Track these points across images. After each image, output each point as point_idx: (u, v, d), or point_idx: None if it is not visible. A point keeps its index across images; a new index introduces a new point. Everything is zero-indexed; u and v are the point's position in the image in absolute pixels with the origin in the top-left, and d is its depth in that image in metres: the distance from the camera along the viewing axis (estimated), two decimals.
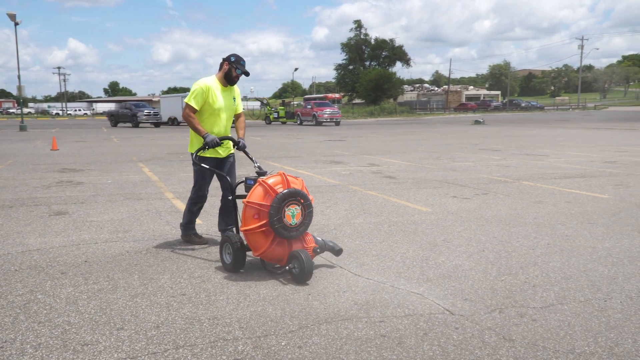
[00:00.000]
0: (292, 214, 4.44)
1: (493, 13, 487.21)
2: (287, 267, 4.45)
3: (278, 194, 4.41)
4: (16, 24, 33.13)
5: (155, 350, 3.18)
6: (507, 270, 4.66)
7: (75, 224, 6.55)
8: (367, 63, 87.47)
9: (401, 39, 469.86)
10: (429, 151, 16.74)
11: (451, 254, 5.20)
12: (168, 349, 3.20)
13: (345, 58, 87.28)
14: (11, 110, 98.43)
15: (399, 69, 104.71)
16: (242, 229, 4.53)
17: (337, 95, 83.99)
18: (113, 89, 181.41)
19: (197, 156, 5.28)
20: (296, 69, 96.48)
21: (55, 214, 7.18)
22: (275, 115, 49.17)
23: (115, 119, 42.56)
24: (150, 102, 69.71)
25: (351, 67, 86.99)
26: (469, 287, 4.26)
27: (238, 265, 4.65)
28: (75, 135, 29.02)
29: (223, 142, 5.33)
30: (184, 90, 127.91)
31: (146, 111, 40.47)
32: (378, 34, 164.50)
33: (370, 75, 76.30)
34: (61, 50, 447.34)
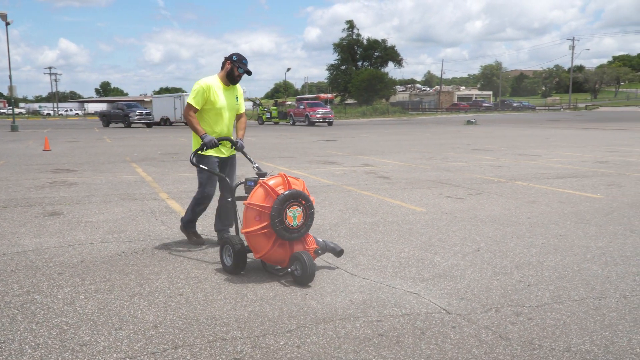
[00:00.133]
0: (293, 215, 4.40)
1: (484, 13, 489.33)
2: (288, 269, 4.40)
3: (279, 196, 4.37)
4: (7, 24, 32.97)
5: (154, 350, 3.19)
6: (502, 270, 4.70)
7: (70, 225, 6.54)
8: (360, 63, 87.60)
9: (393, 39, 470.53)
10: (422, 151, 16.80)
11: (446, 253, 5.23)
12: (167, 349, 3.21)
13: (337, 58, 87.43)
14: (2, 111, 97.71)
15: (391, 69, 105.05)
16: (243, 231, 4.47)
17: (329, 95, 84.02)
18: (104, 89, 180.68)
19: (199, 155, 5.25)
20: (288, 69, 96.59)
21: (49, 214, 7.16)
22: (268, 115, 49.20)
23: (107, 119, 42.50)
24: (142, 103, 69.56)
25: (343, 67, 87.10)
26: (465, 286, 4.29)
27: (239, 268, 4.59)
28: (67, 135, 28.90)
29: (221, 143, 5.33)
30: (176, 90, 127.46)
31: (138, 111, 40.44)
32: (370, 34, 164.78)
33: (362, 76, 76.46)
34: (52, 50, 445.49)
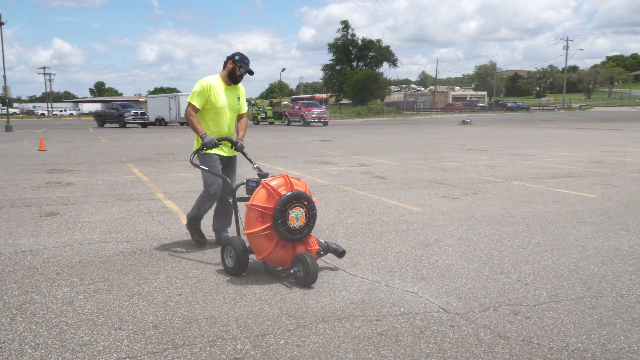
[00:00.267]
0: (296, 216, 4.37)
1: (479, 14, 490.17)
2: (291, 270, 4.36)
3: (282, 196, 4.33)
4: (1, 24, 32.86)
5: (155, 350, 3.20)
6: (500, 269, 4.72)
7: (67, 225, 6.53)
8: (354, 63, 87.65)
9: (388, 40, 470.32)
10: (418, 151, 16.83)
11: (444, 253, 5.25)
12: (167, 349, 3.22)
13: (332, 58, 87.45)
14: None
15: (385, 70, 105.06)
16: (245, 232, 4.43)
17: (324, 95, 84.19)
18: (99, 89, 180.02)
19: (200, 155, 5.22)
20: (283, 70, 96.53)
21: (46, 214, 7.14)
22: (263, 115, 49.23)
23: (102, 119, 42.44)
24: (137, 103, 69.46)
25: (338, 67, 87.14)
26: (463, 285, 4.31)
27: (241, 269, 4.55)
28: (62, 135, 28.82)
29: (222, 143, 5.32)
30: (170, 90, 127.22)
31: (133, 111, 40.41)
32: (365, 35, 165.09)
33: (357, 76, 76.53)
34: (46, 50, 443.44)
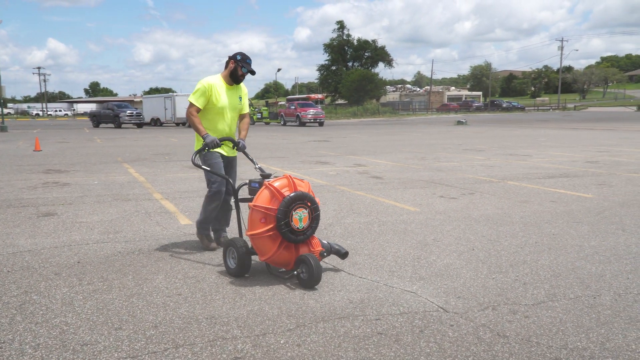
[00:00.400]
0: (299, 217, 4.35)
1: (474, 14, 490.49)
2: (294, 271, 4.34)
3: (285, 197, 4.31)
4: None
5: (155, 350, 3.20)
6: (498, 269, 4.75)
7: (65, 225, 6.52)
8: (350, 64, 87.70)
9: (383, 40, 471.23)
10: (414, 151, 16.87)
11: (442, 252, 5.27)
12: (168, 348, 3.22)
13: (327, 59, 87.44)
14: None
15: (381, 70, 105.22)
16: (248, 233, 4.41)
17: (320, 95, 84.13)
18: (94, 90, 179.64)
19: (203, 154, 5.20)
20: (279, 70, 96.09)
21: (43, 215, 7.13)
22: (259, 115, 49.21)
23: (98, 119, 42.35)
24: (132, 103, 69.27)
25: (334, 67, 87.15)
26: (461, 285, 4.33)
27: (244, 270, 4.52)
28: (58, 136, 28.73)
29: (223, 143, 5.32)
30: (165, 90, 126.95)
31: (128, 112, 40.32)
32: (360, 35, 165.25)
33: (353, 76, 76.56)
34: (41, 50, 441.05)
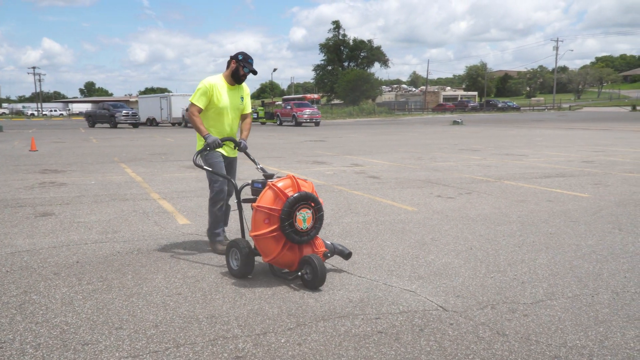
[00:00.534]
0: (303, 218, 4.31)
1: (469, 14, 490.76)
2: (298, 272, 4.31)
3: (289, 198, 4.27)
4: None
5: (157, 349, 3.21)
6: (496, 268, 4.77)
7: (63, 225, 6.51)
8: (346, 64, 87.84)
9: (379, 40, 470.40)
10: (410, 151, 16.90)
11: (440, 252, 5.29)
12: (169, 347, 3.23)
13: (323, 59, 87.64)
14: None
15: (377, 70, 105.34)
16: (252, 234, 4.37)
17: (315, 95, 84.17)
18: (89, 89, 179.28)
19: (204, 154, 5.19)
20: (275, 70, 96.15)
21: (41, 215, 7.12)
22: (255, 115, 49.17)
23: (93, 119, 42.29)
24: (128, 103, 69.21)
25: (330, 67, 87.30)
26: (460, 284, 4.35)
27: (247, 272, 4.49)
28: (53, 136, 28.66)
29: (225, 143, 5.32)
30: (161, 90, 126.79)
31: (124, 112, 40.27)
32: (356, 35, 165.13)
33: (348, 76, 76.70)
34: (35, 50, 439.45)
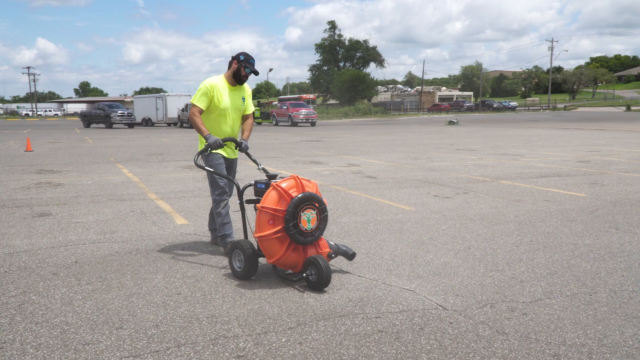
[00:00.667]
0: (307, 218, 4.28)
1: (464, 15, 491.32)
2: (303, 274, 4.28)
3: (293, 198, 4.24)
4: None
5: (157, 349, 3.21)
6: (494, 267, 4.79)
7: (60, 225, 6.50)
8: (342, 64, 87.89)
9: (374, 40, 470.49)
10: (407, 151, 16.92)
11: (438, 251, 5.31)
12: (170, 347, 3.23)
13: (319, 59, 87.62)
14: None
15: (372, 70, 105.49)
16: (256, 235, 4.33)
17: (311, 96, 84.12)
18: (84, 90, 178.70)
19: (205, 155, 5.17)
20: (270, 70, 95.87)
21: (38, 215, 7.10)
22: None
23: (88, 119, 42.19)
24: (123, 103, 69.08)
25: (325, 68, 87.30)
26: (459, 283, 4.37)
27: (250, 273, 4.46)
28: (49, 136, 28.57)
29: (226, 144, 5.31)
30: (156, 90, 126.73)
31: (120, 112, 40.19)
32: (351, 35, 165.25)
33: (344, 76, 76.71)
34: (30, 50, 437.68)
